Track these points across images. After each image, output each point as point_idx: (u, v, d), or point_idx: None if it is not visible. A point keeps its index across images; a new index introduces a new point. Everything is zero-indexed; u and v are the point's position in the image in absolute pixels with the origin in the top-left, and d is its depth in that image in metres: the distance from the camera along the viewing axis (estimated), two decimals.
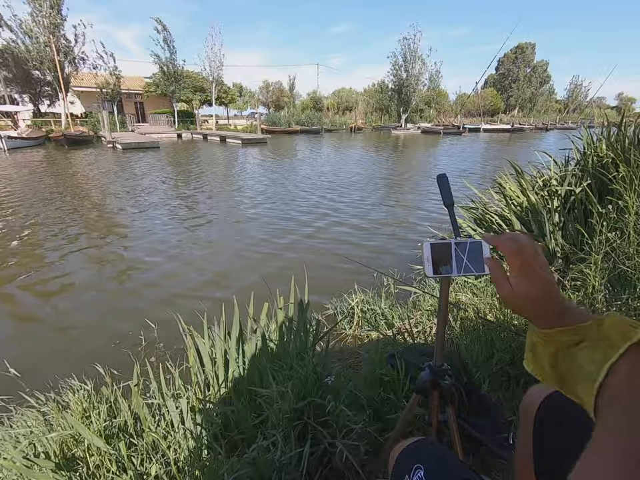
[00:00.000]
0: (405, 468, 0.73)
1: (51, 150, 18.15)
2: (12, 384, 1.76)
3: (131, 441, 1.33)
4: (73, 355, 2.88)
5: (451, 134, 33.40)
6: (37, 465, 1.18)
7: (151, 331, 2.69)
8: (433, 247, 0.77)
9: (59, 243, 5.41)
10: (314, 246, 5.33)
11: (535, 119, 50.30)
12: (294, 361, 1.46)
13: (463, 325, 2.12)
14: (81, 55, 24.13)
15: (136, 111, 31.78)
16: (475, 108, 47.61)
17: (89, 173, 11.81)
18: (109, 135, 20.16)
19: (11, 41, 22.05)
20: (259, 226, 6.29)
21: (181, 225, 6.43)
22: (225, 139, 24.39)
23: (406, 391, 1.48)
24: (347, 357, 2.22)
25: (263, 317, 1.78)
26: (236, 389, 1.51)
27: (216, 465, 1.15)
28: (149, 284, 4.16)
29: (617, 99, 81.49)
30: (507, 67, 55.09)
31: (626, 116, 3.27)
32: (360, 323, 2.65)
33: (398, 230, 6.07)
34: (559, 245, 2.56)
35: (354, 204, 7.83)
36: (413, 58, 37.10)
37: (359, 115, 42.96)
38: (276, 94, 43.81)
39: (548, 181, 3.38)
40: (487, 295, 2.41)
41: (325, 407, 1.27)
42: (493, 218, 3.18)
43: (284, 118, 35.52)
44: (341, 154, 18.34)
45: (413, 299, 2.85)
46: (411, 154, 19.12)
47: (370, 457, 1.28)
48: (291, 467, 1.14)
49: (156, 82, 29.60)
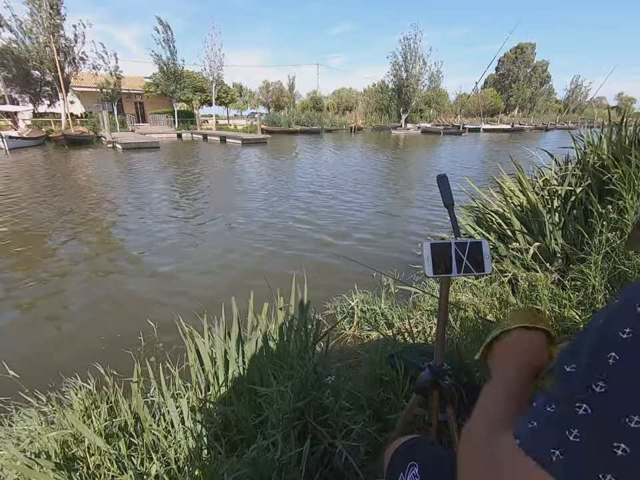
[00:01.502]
0: (399, 465, 0.73)
1: (50, 150, 18.15)
2: (12, 384, 1.76)
3: (131, 440, 1.33)
4: (73, 355, 2.87)
5: (450, 134, 33.39)
6: (38, 464, 1.18)
7: (150, 330, 2.69)
8: (433, 247, 0.77)
9: (59, 243, 5.41)
10: (314, 246, 5.33)
11: (535, 119, 50.29)
12: (294, 360, 1.46)
13: (462, 325, 2.12)
14: (81, 54, 24.13)
15: (136, 110, 31.77)
16: (475, 108, 47.59)
17: (89, 173, 11.81)
18: (109, 135, 20.16)
19: (11, 41, 22.04)
20: (258, 226, 6.29)
21: (180, 225, 6.43)
22: (225, 139, 24.39)
23: (406, 391, 1.48)
24: (347, 357, 2.22)
25: (263, 317, 1.78)
26: (236, 388, 1.51)
27: (216, 465, 1.15)
28: (148, 284, 4.16)
29: (617, 99, 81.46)
30: (506, 67, 55.08)
31: (626, 116, 3.27)
32: (360, 323, 2.65)
33: (398, 230, 6.07)
34: (559, 244, 2.56)
35: (354, 204, 7.83)
36: (414, 58, 37.09)
37: (359, 114, 42.95)
38: (276, 94, 43.80)
39: (548, 180, 3.39)
40: (486, 295, 2.41)
41: (325, 406, 1.27)
42: (493, 218, 3.17)
43: (284, 118, 35.50)
44: (341, 154, 18.33)
45: (413, 299, 2.85)
46: (411, 154, 19.11)
47: (370, 457, 1.28)
48: (291, 466, 1.14)
49: (156, 82, 29.59)
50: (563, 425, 0.31)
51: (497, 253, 2.76)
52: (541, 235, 2.67)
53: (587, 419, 0.30)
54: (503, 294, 2.34)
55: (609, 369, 0.30)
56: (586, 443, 0.29)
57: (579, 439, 0.29)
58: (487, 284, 2.57)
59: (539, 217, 2.71)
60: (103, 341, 3.04)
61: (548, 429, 0.32)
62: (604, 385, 0.29)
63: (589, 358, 0.32)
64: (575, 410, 0.30)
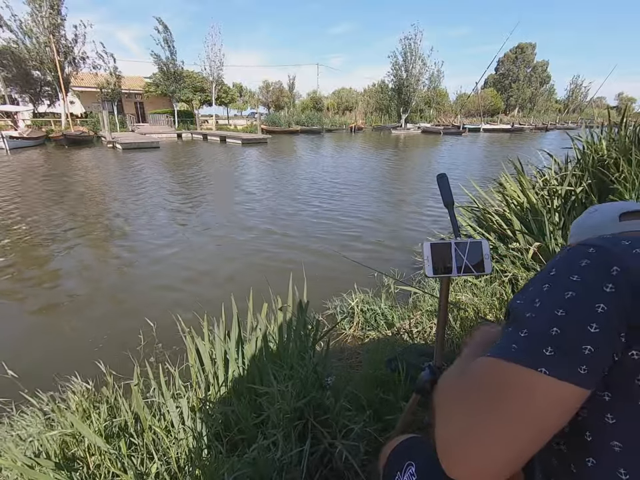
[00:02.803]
0: (397, 465, 0.73)
1: (51, 150, 18.15)
2: (12, 384, 1.76)
3: (131, 440, 1.33)
4: (72, 355, 2.87)
5: (450, 134, 33.38)
6: (38, 464, 1.18)
7: (150, 330, 2.69)
8: (433, 247, 0.77)
9: (59, 243, 5.40)
10: (314, 246, 5.33)
11: (535, 119, 50.28)
12: (294, 360, 1.47)
13: (462, 325, 2.12)
14: (81, 54, 24.12)
15: (136, 110, 31.75)
16: (475, 108, 47.58)
17: (89, 173, 11.81)
18: (109, 135, 20.15)
19: (11, 41, 22.04)
20: (258, 226, 6.29)
21: (181, 225, 6.43)
22: (225, 139, 24.38)
23: (405, 392, 1.48)
24: (347, 357, 2.22)
25: (263, 317, 1.78)
26: (236, 388, 1.52)
27: (217, 464, 1.15)
28: (148, 284, 4.16)
29: (617, 99, 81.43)
30: (506, 67, 55.08)
31: (626, 116, 3.27)
32: (360, 323, 2.65)
33: (398, 230, 6.07)
34: (559, 245, 2.56)
35: (354, 203, 7.83)
36: (414, 58, 37.08)
37: (359, 114, 42.95)
38: (276, 94, 43.79)
39: (548, 180, 3.39)
40: (486, 294, 2.41)
41: (325, 406, 1.27)
42: (493, 218, 3.17)
43: (284, 118, 35.48)
44: (342, 154, 18.33)
45: (413, 299, 2.85)
46: (411, 154, 19.11)
47: (370, 457, 1.28)
48: (292, 466, 1.14)
49: (156, 82, 29.58)
50: (544, 330, 0.39)
51: (497, 253, 2.76)
52: (541, 235, 2.67)
53: (563, 319, 0.39)
54: (503, 294, 2.34)
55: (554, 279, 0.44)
56: (565, 332, 0.38)
57: (560, 331, 0.38)
58: (487, 284, 2.57)
59: (539, 216, 2.71)
60: (103, 341, 3.04)
61: (532, 341, 0.39)
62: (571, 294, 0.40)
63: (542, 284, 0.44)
64: (554, 314, 0.39)
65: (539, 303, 0.42)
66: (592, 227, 0.60)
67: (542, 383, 0.36)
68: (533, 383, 0.36)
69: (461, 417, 0.40)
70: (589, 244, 0.44)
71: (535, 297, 0.43)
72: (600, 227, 0.58)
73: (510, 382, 0.38)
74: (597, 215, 0.62)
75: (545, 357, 0.37)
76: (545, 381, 0.36)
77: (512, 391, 0.37)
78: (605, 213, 0.60)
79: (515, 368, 0.38)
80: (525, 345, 0.39)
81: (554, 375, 0.36)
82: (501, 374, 0.39)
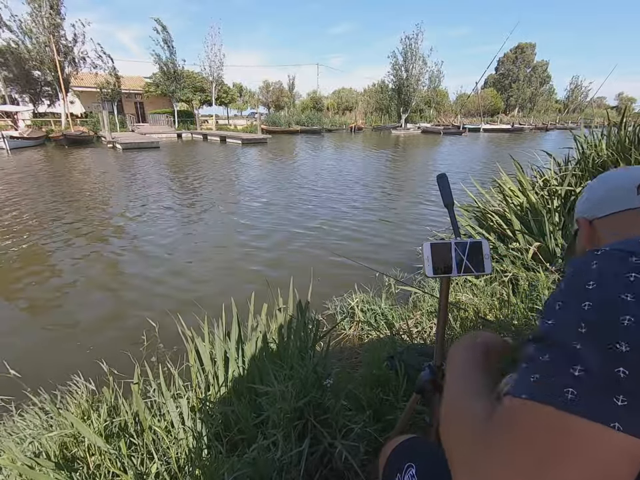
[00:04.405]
0: (396, 466, 0.72)
1: (51, 150, 18.14)
2: (12, 384, 1.76)
3: (131, 440, 1.33)
4: (73, 356, 2.88)
5: (450, 134, 33.38)
6: (38, 464, 1.18)
7: (151, 331, 2.70)
8: (433, 247, 0.77)
9: (59, 243, 5.41)
10: (314, 246, 5.33)
11: (535, 118, 50.27)
12: (294, 360, 1.47)
13: (462, 325, 2.12)
14: (81, 54, 24.13)
15: (136, 110, 31.75)
16: (475, 108, 47.57)
17: (89, 173, 11.81)
18: (109, 135, 20.15)
19: (11, 41, 22.05)
20: (259, 226, 6.29)
21: (181, 225, 6.43)
22: (225, 139, 24.38)
23: (405, 392, 1.48)
24: (347, 357, 2.22)
25: (263, 317, 1.78)
26: (236, 388, 1.52)
27: (217, 464, 1.16)
28: (148, 284, 4.16)
29: (617, 99, 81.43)
30: (506, 67, 55.08)
31: (626, 115, 3.27)
32: (360, 323, 2.65)
33: (398, 230, 6.07)
34: (559, 244, 2.56)
35: (354, 204, 7.83)
36: (414, 58, 37.07)
37: (359, 114, 42.94)
38: (276, 94, 43.79)
39: (548, 180, 3.39)
40: (487, 294, 2.41)
41: (325, 406, 1.27)
42: (493, 218, 3.18)
43: (284, 118, 35.49)
44: (342, 154, 18.33)
45: (413, 299, 2.85)
46: (411, 154, 19.11)
47: (370, 457, 1.28)
48: (292, 466, 1.14)
49: (156, 82, 29.58)
50: (566, 365, 0.32)
51: (497, 253, 2.76)
52: (541, 235, 2.67)
53: (588, 352, 0.32)
54: (503, 294, 2.34)
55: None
56: (591, 375, 0.31)
57: (584, 372, 0.31)
58: (487, 284, 2.57)
59: (539, 216, 2.71)
60: (103, 341, 3.04)
61: (552, 375, 0.33)
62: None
63: (568, 308, 0.36)
64: (573, 347, 0.33)
65: (585, 329, 0.33)
66: (606, 199, 0.56)
67: (615, 440, 0.29)
68: (605, 441, 0.29)
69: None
70: (628, 250, 0.36)
71: (576, 319, 0.34)
72: (616, 200, 0.55)
73: (574, 441, 0.30)
74: (612, 182, 0.58)
75: (617, 407, 0.29)
76: (619, 439, 0.29)
77: (578, 450, 0.30)
78: (621, 180, 0.56)
79: (578, 422, 0.30)
80: (586, 390, 0.31)
81: (631, 433, 0.29)
82: (559, 428, 0.31)
